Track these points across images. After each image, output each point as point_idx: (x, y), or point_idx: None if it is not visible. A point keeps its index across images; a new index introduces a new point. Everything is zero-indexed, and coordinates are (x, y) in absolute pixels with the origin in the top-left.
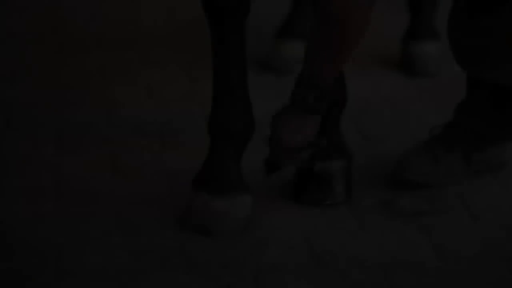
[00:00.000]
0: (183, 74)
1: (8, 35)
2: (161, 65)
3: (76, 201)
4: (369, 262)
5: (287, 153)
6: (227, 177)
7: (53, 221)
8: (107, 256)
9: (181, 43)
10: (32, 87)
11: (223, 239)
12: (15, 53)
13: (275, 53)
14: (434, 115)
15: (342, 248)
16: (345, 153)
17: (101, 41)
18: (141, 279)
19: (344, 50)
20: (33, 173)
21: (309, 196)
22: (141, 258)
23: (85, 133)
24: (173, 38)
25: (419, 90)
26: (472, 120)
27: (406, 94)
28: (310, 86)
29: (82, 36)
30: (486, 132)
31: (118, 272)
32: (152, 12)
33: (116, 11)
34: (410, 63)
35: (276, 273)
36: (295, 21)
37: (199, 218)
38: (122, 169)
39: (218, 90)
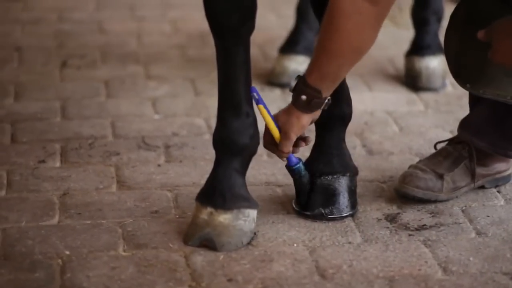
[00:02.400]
0: (188, 88)
1: (15, 49)
2: (165, 79)
3: (82, 214)
4: (374, 275)
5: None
6: (232, 191)
7: (58, 234)
8: (112, 269)
9: (186, 57)
10: (38, 101)
11: (228, 253)
12: (21, 67)
13: (280, 68)
14: (438, 130)
15: (346, 261)
16: (350, 167)
17: (106, 55)
18: None
19: (334, 58)
20: (39, 186)
21: (314, 210)
22: (147, 271)
23: (90, 146)
24: (178, 52)
25: (423, 105)
26: (475, 137)
27: (411, 109)
28: (305, 85)
29: (87, 51)
30: (488, 149)
31: (123, 285)
32: (157, 26)
33: (121, 25)
34: (415, 78)
35: (281, 286)
36: (299, 37)
37: (204, 232)
38: (127, 182)
39: (223, 105)
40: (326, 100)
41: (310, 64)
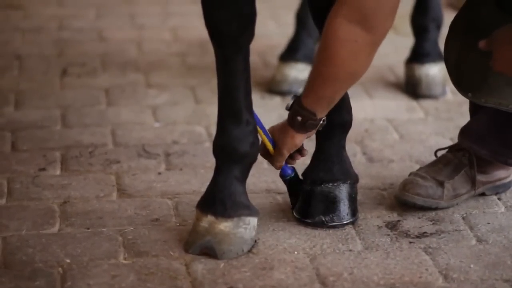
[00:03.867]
0: (188, 96)
1: (15, 57)
2: (166, 87)
3: (82, 222)
4: (375, 283)
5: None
6: (233, 199)
7: (59, 242)
8: (113, 277)
9: (186, 65)
10: (38, 109)
11: (229, 261)
12: (22, 76)
13: (280, 76)
14: (438, 137)
15: (347, 269)
16: (350, 174)
17: (106, 63)
18: None
19: (329, 82)
20: (39, 194)
21: (314, 217)
22: (147, 279)
23: (90, 155)
24: (178, 60)
25: (423, 113)
26: (475, 145)
27: (411, 116)
28: (300, 106)
29: (87, 59)
30: (489, 157)
31: None
32: (157, 34)
33: (121, 34)
34: (415, 85)
35: None
36: (299, 44)
37: (205, 240)
38: (128, 190)
39: (223, 112)
40: (321, 122)
41: (305, 87)
